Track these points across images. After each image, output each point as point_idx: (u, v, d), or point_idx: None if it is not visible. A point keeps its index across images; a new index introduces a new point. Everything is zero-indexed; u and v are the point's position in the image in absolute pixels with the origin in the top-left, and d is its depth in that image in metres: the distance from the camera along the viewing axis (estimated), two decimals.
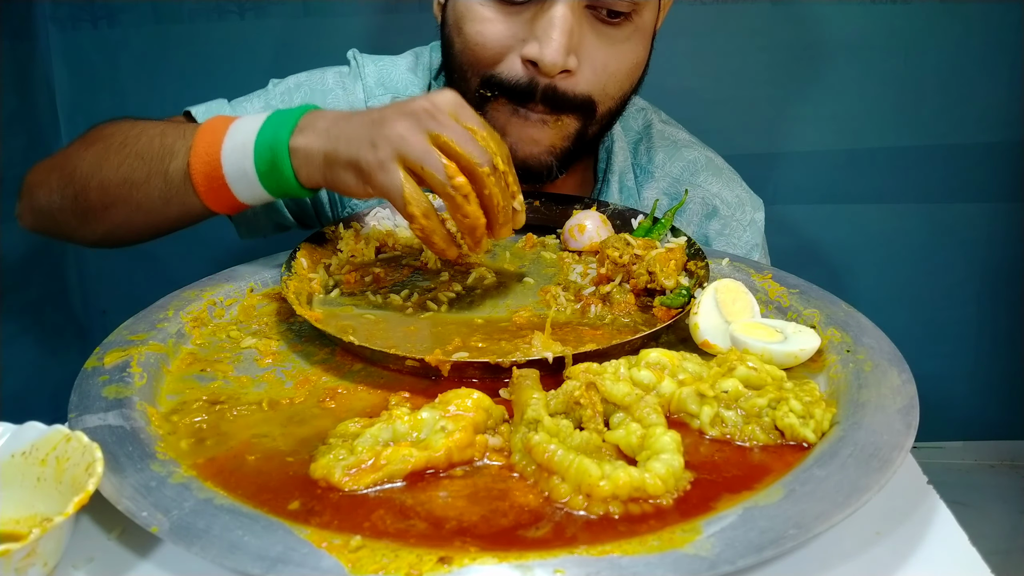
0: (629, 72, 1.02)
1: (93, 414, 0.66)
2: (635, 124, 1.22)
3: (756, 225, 1.18)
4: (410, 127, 0.78)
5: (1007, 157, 2.00)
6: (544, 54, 0.93)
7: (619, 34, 0.98)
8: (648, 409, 0.63)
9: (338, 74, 1.17)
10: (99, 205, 0.95)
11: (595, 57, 0.97)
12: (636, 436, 0.60)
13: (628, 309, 0.86)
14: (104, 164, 0.94)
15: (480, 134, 0.80)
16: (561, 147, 1.02)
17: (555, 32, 0.93)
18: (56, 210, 1.00)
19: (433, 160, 0.78)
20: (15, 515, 0.58)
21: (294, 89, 1.15)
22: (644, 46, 1.03)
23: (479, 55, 0.98)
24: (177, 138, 0.89)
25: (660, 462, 0.57)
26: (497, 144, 0.81)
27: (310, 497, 0.57)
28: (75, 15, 1.86)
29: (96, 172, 0.95)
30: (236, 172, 0.85)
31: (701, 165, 1.18)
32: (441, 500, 0.57)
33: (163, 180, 0.89)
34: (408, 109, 0.80)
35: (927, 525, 0.59)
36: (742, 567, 0.49)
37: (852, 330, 0.79)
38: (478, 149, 0.79)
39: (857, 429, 0.63)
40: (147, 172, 0.90)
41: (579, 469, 0.56)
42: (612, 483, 0.55)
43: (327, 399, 0.71)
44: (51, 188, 1.00)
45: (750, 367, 0.67)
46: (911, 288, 2.11)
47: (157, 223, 0.95)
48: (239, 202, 0.88)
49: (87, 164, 0.96)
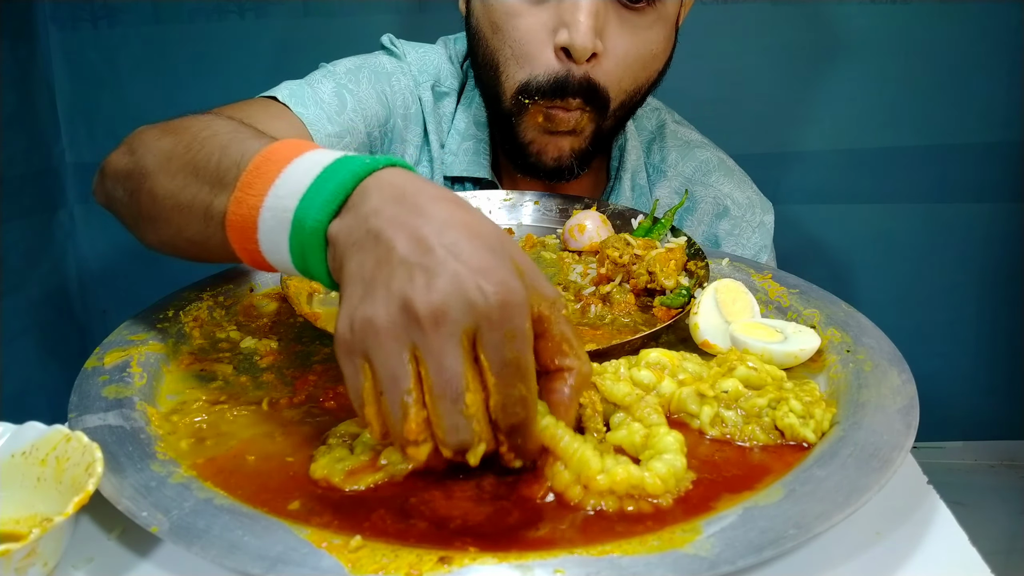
0: (646, 64, 1.01)
1: (93, 414, 0.66)
2: (648, 124, 1.23)
3: (765, 227, 1.18)
4: (390, 334, 0.52)
5: (1007, 157, 2.00)
6: (574, 38, 0.93)
7: (642, 22, 0.98)
8: (649, 409, 0.63)
9: (391, 59, 1.14)
10: (147, 215, 0.77)
11: (617, 45, 0.97)
12: (639, 436, 0.61)
13: (628, 309, 0.86)
14: (163, 167, 0.75)
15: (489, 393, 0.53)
16: (581, 148, 1.03)
17: (582, 15, 0.93)
18: (116, 200, 0.83)
19: (395, 394, 0.52)
20: (15, 515, 0.58)
21: (357, 71, 1.09)
22: (666, 37, 1.02)
23: (517, 52, 0.98)
24: (232, 165, 0.67)
25: (662, 462, 0.57)
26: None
27: (310, 497, 0.57)
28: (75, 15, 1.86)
29: (153, 173, 0.76)
30: (271, 245, 0.62)
31: (713, 165, 1.19)
32: (441, 500, 0.57)
33: (204, 214, 0.69)
34: (460, 286, 0.51)
35: (927, 525, 0.59)
36: (742, 567, 0.49)
37: (852, 330, 0.79)
38: (457, 417, 0.52)
39: (857, 429, 0.63)
40: (193, 196, 0.70)
41: (580, 459, 0.56)
42: (610, 478, 0.55)
43: (327, 399, 0.71)
44: (118, 173, 0.82)
45: (750, 367, 0.67)
46: (911, 288, 2.11)
47: (203, 255, 0.74)
48: (271, 266, 0.66)
49: (151, 159, 0.77)
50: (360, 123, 1.06)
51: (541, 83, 0.97)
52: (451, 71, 1.17)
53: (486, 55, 1.03)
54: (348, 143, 1.04)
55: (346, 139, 1.04)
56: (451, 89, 1.16)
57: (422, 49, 1.17)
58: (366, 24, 1.89)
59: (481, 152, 1.13)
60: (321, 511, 0.56)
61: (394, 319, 0.51)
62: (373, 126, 1.09)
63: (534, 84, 0.98)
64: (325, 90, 1.05)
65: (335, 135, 1.03)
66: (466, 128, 1.13)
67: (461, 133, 1.13)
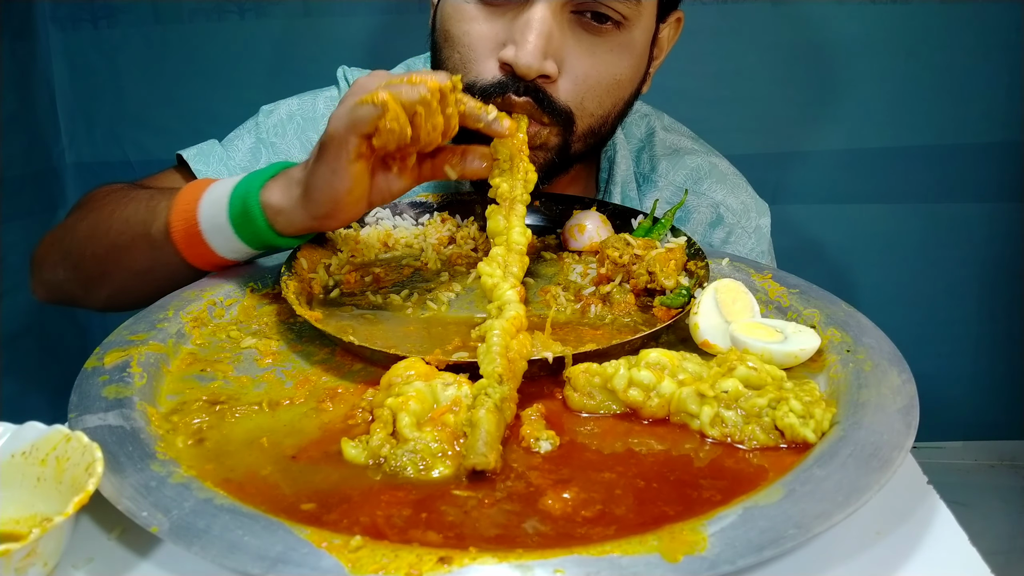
0: (610, 88, 0.98)
1: (93, 414, 0.66)
2: (638, 131, 1.21)
3: (761, 231, 1.17)
4: (349, 104, 0.78)
5: (1007, 157, 2.00)
6: (519, 57, 0.90)
7: (603, 45, 0.95)
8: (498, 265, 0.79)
9: (329, 99, 1.16)
10: (96, 273, 0.99)
11: (576, 66, 0.94)
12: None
13: (628, 309, 0.86)
14: (96, 233, 0.98)
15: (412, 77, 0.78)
16: (544, 158, 0.99)
17: (531, 34, 0.89)
18: (62, 281, 1.05)
19: (390, 87, 0.77)
20: (15, 515, 0.58)
21: (287, 121, 1.15)
22: (630, 64, 0.99)
23: (464, 57, 0.96)
24: (160, 200, 0.91)
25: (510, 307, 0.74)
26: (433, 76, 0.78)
27: (311, 497, 0.57)
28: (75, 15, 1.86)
29: (89, 242, 0.99)
30: (212, 226, 0.86)
31: (705, 172, 1.18)
32: (441, 499, 0.57)
33: (147, 242, 0.90)
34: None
35: (927, 525, 0.59)
36: (742, 567, 0.49)
37: (852, 330, 0.79)
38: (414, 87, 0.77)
39: (857, 429, 0.63)
40: (133, 236, 0.92)
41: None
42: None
43: (327, 399, 0.71)
44: (55, 262, 1.05)
45: (750, 367, 0.67)
46: (911, 288, 2.11)
47: (151, 287, 0.92)
48: (219, 256, 0.89)
49: (81, 235, 1.00)
50: None
51: (484, 85, 0.94)
52: None
53: (437, 65, 1.01)
54: None
55: None
56: None
57: None
58: (366, 24, 1.89)
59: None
60: (322, 511, 0.56)
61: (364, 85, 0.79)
62: None
63: (478, 86, 0.94)
64: (242, 147, 1.14)
65: None
66: None
67: None
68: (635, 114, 1.20)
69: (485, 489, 0.58)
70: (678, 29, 1.09)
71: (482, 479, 0.59)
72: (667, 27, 1.06)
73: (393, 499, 0.57)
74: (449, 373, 0.68)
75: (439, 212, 1.06)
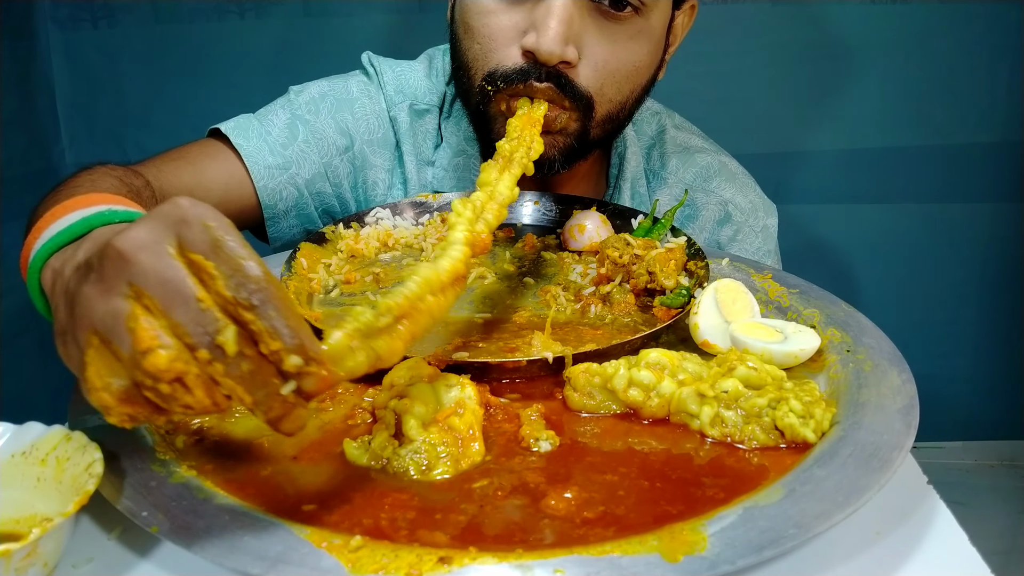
0: (629, 75, 1.01)
1: (93, 414, 0.66)
2: (648, 129, 1.22)
3: (768, 231, 1.18)
4: (102, 290, 0.51)
5: (1007, 157, 2.00)
6: (540, 43, 0.92)
7: (622, 31, 0.97)
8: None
9: (361, 83, 1.16)
10: None
11: (595, 53, 0.97)
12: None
13: (628, 309, 0.86)
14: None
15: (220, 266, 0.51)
16: (564, 143, 1.01)
17: (552, 20, 0.92)
18: None
19: (119, 331, 0.50)
20: (15, 515, 0.58)
21: (319, 100, 1.13)
22: (648, 51, 1.01)
23: (485, 48, 0.98)
24: (35, 220, 0.74)
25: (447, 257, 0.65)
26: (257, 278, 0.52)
27: (312, 498, 0.57)
28: (75, 15, 1.86)
29: None
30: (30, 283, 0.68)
31: (715, 171, 1.18)
32: (442, 500, 0.57)
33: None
34: (101, 254, 0.52)
35: (927, 525, 0.59)
36: (742, 567, 0.49)
37: (852, 330, 0.79)
38: (196, 313, 0.49)
39: (857, 429, 0.63)
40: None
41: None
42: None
43: (327, 399, 0.71)
44: None
45: (750, 367, 0.67)
46: (911, 288, 2.11)
47: None
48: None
49: None
50: (314, 154, 1.10)
51: (507, 71, 0.96)
52: (430, 87, 1.16)
53: (457, 56, 1.03)
54: (293, 173, 1.09)
55: (291, 170, 1.08)
56: (431, 105, 1.16)
57: (400, 67, 1.17)
58: (366, 24, 1.89)
59: (472, 168, 1.12)
60: (322, 511, 0.56)
61: (102, 272, 0.51)
62: (332, 155, 1.11)
63: (500, 72, 0.97)
64: (278, 122, 1.10)
65: (276, 167, 1.07)
66: (458, 143, 1.13)
67: (453, 148, 1.14)
68: (646, 111, 1.21)
69: (486, 489, 0.58)
70: (692, 16, 1.10)
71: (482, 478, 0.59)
72: (682, 14, 1.07)
73: (396, 501, 0.57)
74: (451, 374, 0.68)
75: (439, 212, 1.06)
